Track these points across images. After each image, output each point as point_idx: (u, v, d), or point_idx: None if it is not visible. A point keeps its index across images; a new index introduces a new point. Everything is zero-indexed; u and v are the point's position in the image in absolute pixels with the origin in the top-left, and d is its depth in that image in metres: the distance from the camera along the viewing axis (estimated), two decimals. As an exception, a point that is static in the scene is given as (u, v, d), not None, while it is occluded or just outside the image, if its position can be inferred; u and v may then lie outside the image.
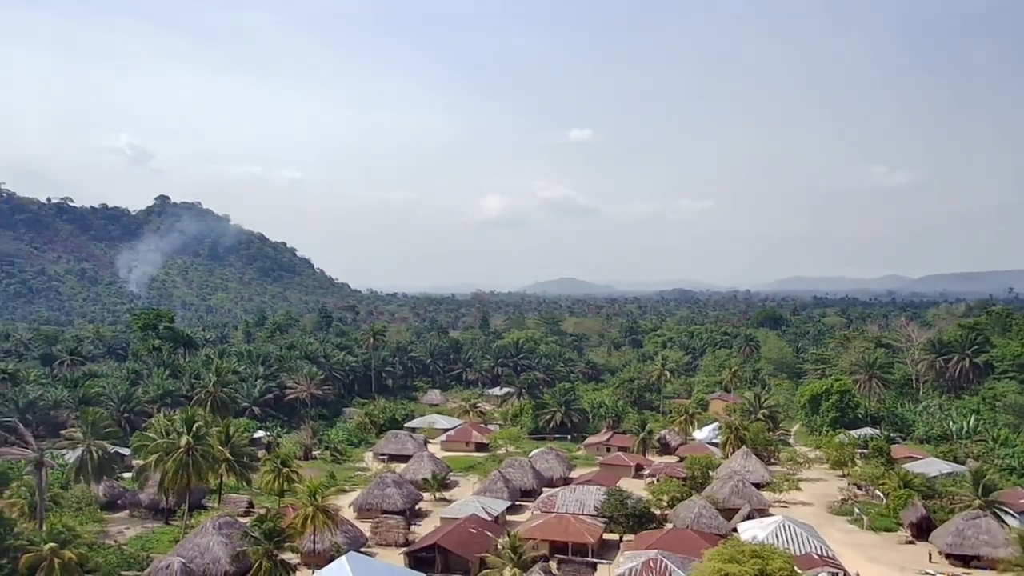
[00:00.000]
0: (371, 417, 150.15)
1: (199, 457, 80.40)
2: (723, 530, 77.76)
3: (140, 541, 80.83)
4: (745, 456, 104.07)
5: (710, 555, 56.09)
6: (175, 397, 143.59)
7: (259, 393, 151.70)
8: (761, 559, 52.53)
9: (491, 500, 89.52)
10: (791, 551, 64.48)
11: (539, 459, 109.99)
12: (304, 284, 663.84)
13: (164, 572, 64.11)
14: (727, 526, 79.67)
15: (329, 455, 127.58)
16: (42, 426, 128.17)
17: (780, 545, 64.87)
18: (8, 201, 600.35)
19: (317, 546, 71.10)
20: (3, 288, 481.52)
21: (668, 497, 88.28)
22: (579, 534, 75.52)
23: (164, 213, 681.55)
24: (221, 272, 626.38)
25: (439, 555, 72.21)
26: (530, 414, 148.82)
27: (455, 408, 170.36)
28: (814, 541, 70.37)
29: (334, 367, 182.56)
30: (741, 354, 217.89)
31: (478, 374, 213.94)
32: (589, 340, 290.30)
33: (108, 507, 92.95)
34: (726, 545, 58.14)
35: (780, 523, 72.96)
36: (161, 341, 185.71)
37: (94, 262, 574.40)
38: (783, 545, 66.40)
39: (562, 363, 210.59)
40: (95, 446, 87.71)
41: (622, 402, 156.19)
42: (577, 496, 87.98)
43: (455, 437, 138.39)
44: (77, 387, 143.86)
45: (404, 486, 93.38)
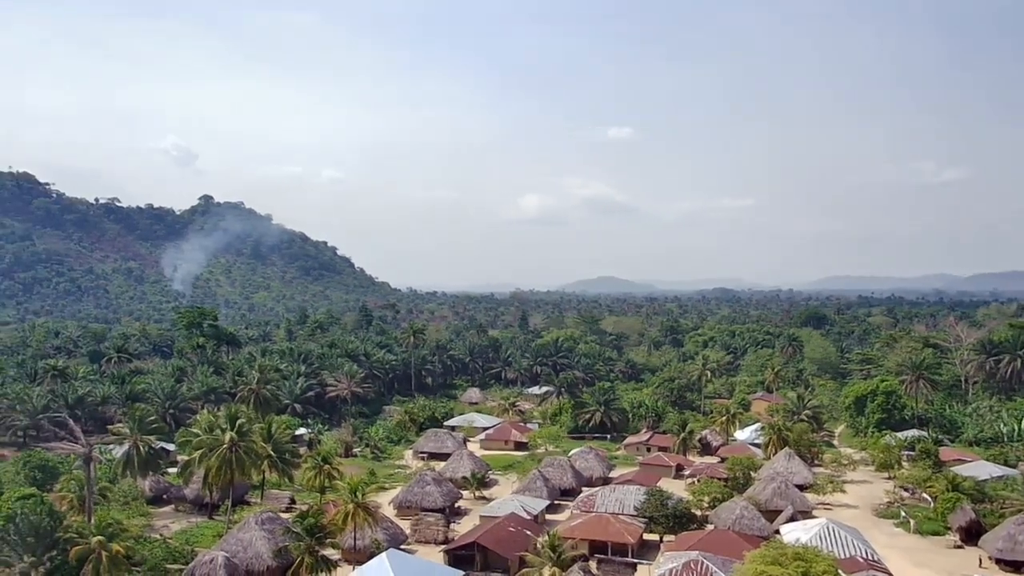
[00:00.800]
0: (411, 415, 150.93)
1: (242, 453, 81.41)
2: (765, 532, 76.74)
3: (185, 535, 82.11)
4: (788, 457, 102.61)
5: (752, 557, 55.35)
6: (219, 394, 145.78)
7: (301, 390, 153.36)
8: (804, 562, 51.68)
9: (530, 499, 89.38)
10: (835, 554, 63.34)
11: (578, 458, 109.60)
12: (345, 283, 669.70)
13: (208, 566, 65.03)
14: (769, 528, 78.59)
15: (369, 452, 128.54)
16: (91, 421, 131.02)
17: (824, 548, 63.79)
18: (58, 202, 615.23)
19: (358, 543, 71.60)
20: (53, 287, 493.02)
21: (709, 498, 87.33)
22: (619, 534, 75.07)
23: (208, 213, 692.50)
24: (263, 271, 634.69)
25: (478, 553, 72.24)
26: (569, 413, 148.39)
27: (494, 407, 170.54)
28: (859, 544, 69.06)
29: (374, 365, 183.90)
30: (784, 354, 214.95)
31: (517, 373, 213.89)
32: (629, 339, 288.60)
33: (154, 501, 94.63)
34: (768, 547, 57.35)
35: (824, 526, 71.73)
36: (205, 339, 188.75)
37: (140, 261, 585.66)
38: (827, 548, 65.27)
39: (601, 362, 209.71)
40: (141, 442, 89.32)
41: (662, 402, 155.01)
42: (617, 496, 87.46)
43: (494, 436, 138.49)
44: (124, 384, 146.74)
45: (444, 484, 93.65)
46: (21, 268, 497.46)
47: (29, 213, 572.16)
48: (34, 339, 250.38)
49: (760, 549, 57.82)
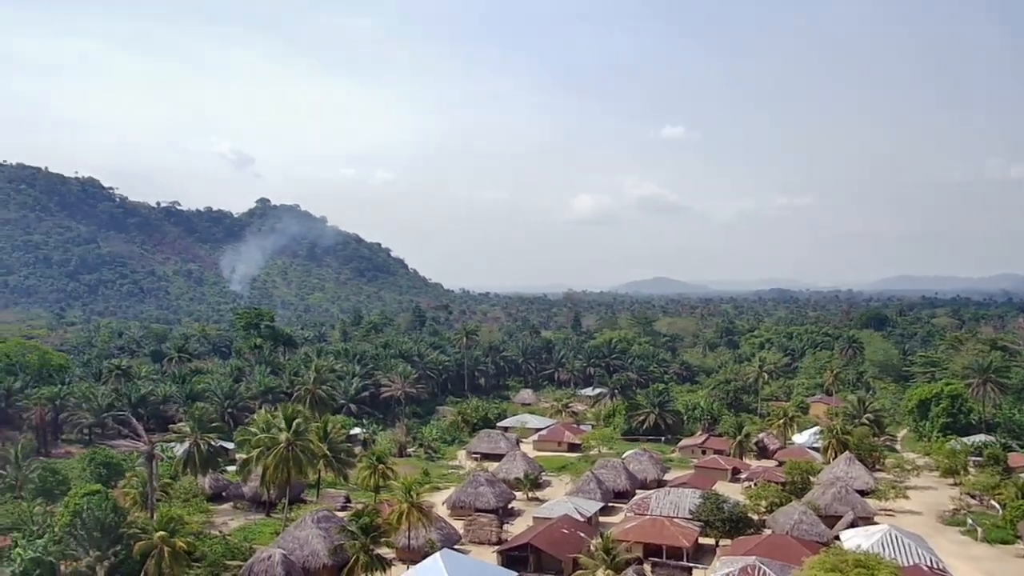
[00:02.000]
0: (464, 416, 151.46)
1: (299, 453, 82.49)
2: (824, 538, 75.12)
3: (243, 532, 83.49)
4: (848, 462, 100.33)
5: (811, 563, 54.22)
6: (276, 393, 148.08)
7: (355, 391, 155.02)
8: (866, 569, 50.43)
9: (584, 501, 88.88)
10: (898, 562, 61.69)
11: (632, 460, 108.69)
12: (398, 284, 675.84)
13: (266, 563, 65.95)
14: (829, 534, 76.91)
15: (423, 453, 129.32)
16: (152, 420, 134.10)
17: (886, 555, 62.17)
18: (121, 205, 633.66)
19: (412, 542, 71.97)
20: (117, 288, 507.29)
21: (766, 502, 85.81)
22: (674, 537, 74.20)
23: (265, 215, 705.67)
24: (319, 272, 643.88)
25: (532, 554, 72.05)
26: (623, 415, 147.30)
27: (547, 408, 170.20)
28: (923, 552, 67.07)
29: (428, 366, 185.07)
30: (843, 356, 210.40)
31: (570, 374, 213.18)
32: (683, 341, 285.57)
33: (213, 499, 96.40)
34: (828, 553, 56.11)
35: (886, 532, 69.82)
36: (262, 339, 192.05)
37: (200, 263, 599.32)
38: (889, 555, 63.59)
39: (656, 364, 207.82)
40: (202, 440, 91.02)
41: (718, 404, 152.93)
42: (672, 499, 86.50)
43: (547, 437, 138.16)
44: (185, 383, 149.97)
45: (497, 485, 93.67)
46: (87, 270, 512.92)
47: (94, 217, 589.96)
48: (99, 339, 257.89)
49: (820, 555, 56.62)
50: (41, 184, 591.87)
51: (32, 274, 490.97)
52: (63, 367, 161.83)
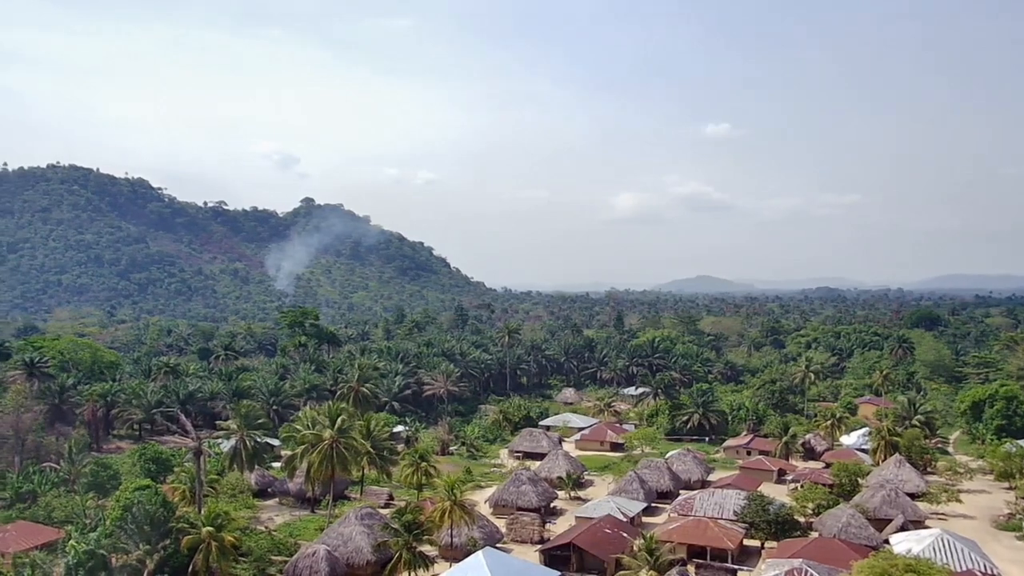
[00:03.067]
0: (506, 414, 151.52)
1: (343, 450, 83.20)
2: (874, 541, 73.64)
3: (288, 528, 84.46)
4: (898, 464, 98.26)
5: (860, 567, 53.24)
6: (320, 391, 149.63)
7: (398, 389, 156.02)
8: (917, 574, 49.39)
9: (626, 501, 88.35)
10: (951, 567, 60.32)
11: (676, 461, 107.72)
12: (440, 283, 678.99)
13: (311, 558, 66.66)
14: (878, 537, 75.39)
15: (465, 451, 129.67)
16: (200, 416, 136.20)
17: (938, 560, 60.81)
18: (170, 206, 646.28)
19: (454, 540, 72.13)
20: (165, 287, 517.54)
21: (813, 504, 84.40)
22: (718, 539, 73.37)
23: (309, 215, 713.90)
24: (362, 271, 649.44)
25: (574, 554, 71.77)
26: (666, 415, 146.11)
27: (589, 407, 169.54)
28: (977, 557, 65.38)
29: (470, 364, 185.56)
30: (893, 356, 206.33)
31: (613, 373, 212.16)
32: (728, 340, 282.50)
33: (259, 494, 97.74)
34: (877, 557, 55.09)
35: (938, 536, 68.19)
36: (307, 338, 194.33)
37: (246, 262, 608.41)
38: (941, 560, 62.18)
39: (699, 363, 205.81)
40: (248, 437, 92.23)
41: (763, 404, 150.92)
42: (716, 500, 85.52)
43: (590, 436, 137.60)
44: (231, 380, 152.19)
45: (539, 484, 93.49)
46: (136, 269, 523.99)
47: (144, 217, 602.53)
48: (148, 337, 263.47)
49: (869, 559, 55.61)
50: (93, 185, 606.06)
51: (84, 273, 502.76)
52: (114, 364, 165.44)
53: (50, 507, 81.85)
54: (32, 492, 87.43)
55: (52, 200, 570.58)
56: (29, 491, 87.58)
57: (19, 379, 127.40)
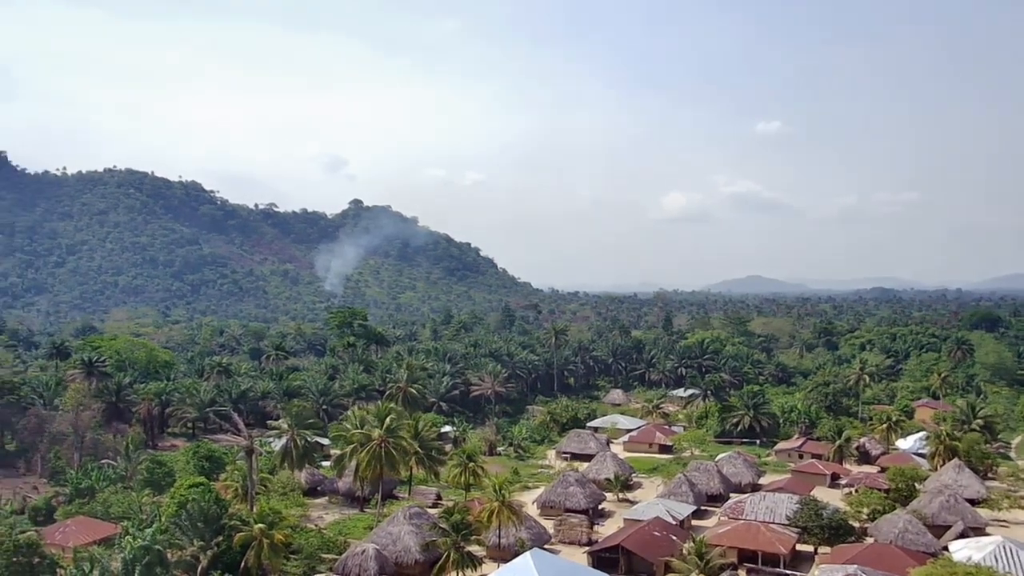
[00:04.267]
0: (553, 415, 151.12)
1: (391, 449, 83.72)
2: (932, 548, 71.67)
3: (338, 526, 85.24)
4: (957, 469, 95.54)
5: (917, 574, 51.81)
6: (368, 391, 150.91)
7: (446, 389, 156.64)
8: (979, 583, 47.87)
9: (675, 503, 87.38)
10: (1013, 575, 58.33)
11: (726, 463, 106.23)
12: (488, 283, 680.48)
13: (360, 557, 67.20)
14: (936, 544, 73.33)
15: (512, 451, 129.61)
16: (251, 415, 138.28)
17: (999, 568, 59.05)
18: (222, 208, 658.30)
19: (502, 541, 72.03)
20: (217, 287, 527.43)
21: (868, 509, 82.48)
22: (770, 543, 72.14)
23: (358, 216, 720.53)
24: (410, 272, 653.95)
25: (623, 556, 71.18)
26: (716, 417, 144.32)
27: (637, 408, 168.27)
28: (1042, 566, 63.23)
29: (517, 365, 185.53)
30: (951, 358, 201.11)
31: (661, 374, 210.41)
32: (779, 341, 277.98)
33: (309, 493, 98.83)
34: (936, 565, 53.72)
35: (1000, 544, 66.07)
36: (355, 338, 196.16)
37: (296, 263, 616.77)
38: (1003, 568, 60.32)
39: (750, 365, 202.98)
40: (298, 435, 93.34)
41: (815, 407, 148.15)
42: (767, 503, 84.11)
43: (638, 438, 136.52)
44: (282, 380, 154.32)
45: (587, 485, 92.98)
46: (190, 270, 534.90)
47: (196, 219, 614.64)
48: (201, 337, 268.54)
49: (926, 566, 54.25)
50: (148, 188, 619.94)
51: (140, 274, 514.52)
52: (168, 364, 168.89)
53: (108, 503, 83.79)
54: (91, 488, 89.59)
55: (109, 203, 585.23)
56: (88, 487, 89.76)
57: (78, 378, 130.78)
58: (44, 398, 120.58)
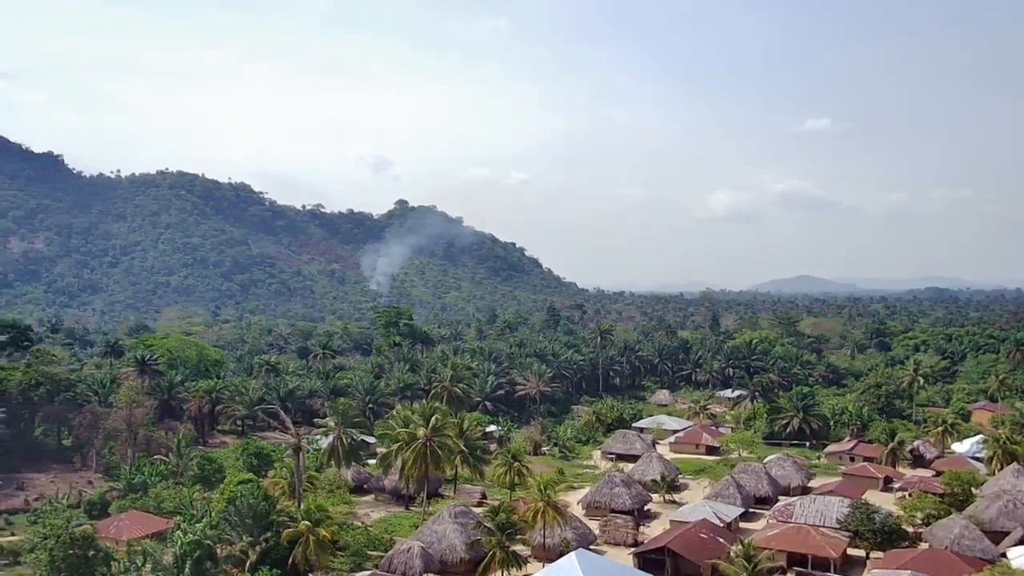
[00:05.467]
0: (599, 415, 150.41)
1: (436, 448, 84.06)
2: (989, 555, 69.62)
3: (384, 524, 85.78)
4: (1016, 474, 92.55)
5: (976, 582, 50.34)
6: (414, 390, 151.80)
7: (491, 388, 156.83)
8: (1041, 591, 46.29)
9: (723, 505, 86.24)
10: (1077, 584, 56.43)
11: (775, 465, 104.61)
12: (532, 283, 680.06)
13: (405, 555, 67.53)
14: (994, 551, 71.23)
15: (557, 451, 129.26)
16: (299, 413, 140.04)
17: (1063, 577, 57.00)
18: (270, 209, 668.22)
19: (547, 541, 71.80)
20: (266, 287, 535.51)
21: (923, 514, 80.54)
22: (820, 547, 70.76)
23: (403, 216, 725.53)
24: (455, 272, 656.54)
25: (669, 558, 70.43)
26: (764, 418, 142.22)
27: (684, 409, 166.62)
28: (1107, 575, 61.01)
29: (562, 365, 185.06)
30: (1011, 360, 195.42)
31: (708, 375, 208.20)
32: (829, 342, 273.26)
33: (356, 490, 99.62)
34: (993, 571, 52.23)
35: (1062, 552, 64.06)
36: (401, 337, 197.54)
37: (342, 263, 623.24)
38: (1067, 577, 58.26)
39: (799, 366, 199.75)
40: (345, 434, 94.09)
41: (867, 409, 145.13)
42: (817, 507, 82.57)
43: (684, 439, 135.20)
44: (328, 379, 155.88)
45: (632, 486, 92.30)
46: (239, 270, 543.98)
47: (245, 220, 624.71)
48: (250, 336, 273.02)
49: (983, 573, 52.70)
50: (199, 190, 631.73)
51: (191, 274, 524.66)
52: (218, 362, 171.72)
53: (160, 498, 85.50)
54: (143, 483, 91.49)
55: (161, 205, 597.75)
56: (140, 482, 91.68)
57: (131, 376, 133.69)
58: (99, 395, 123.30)
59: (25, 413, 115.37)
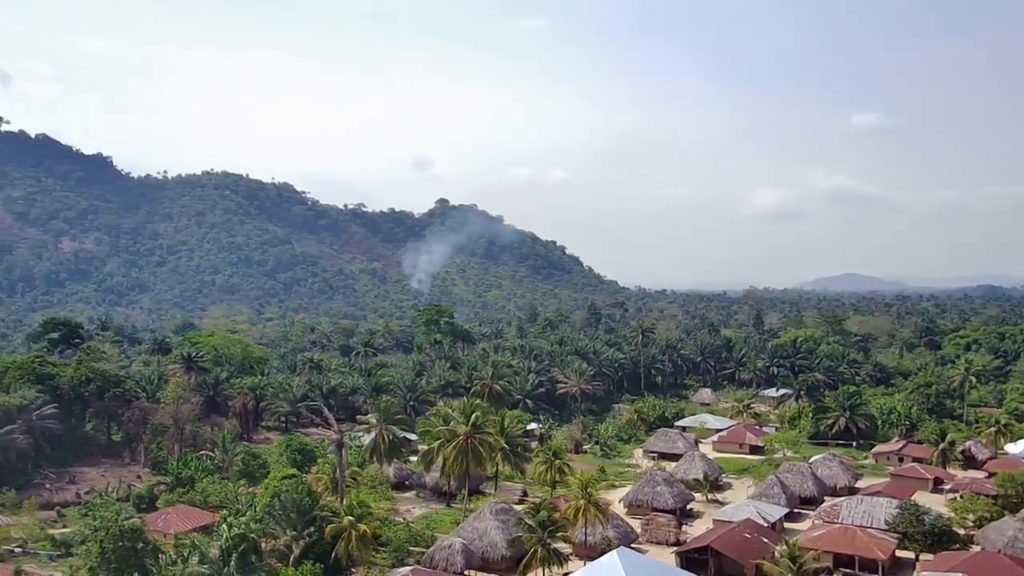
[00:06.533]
0: (640, 414, 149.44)
1: (477, 445, 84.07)
2: (1046, 558, 67.68)
3: (425, 520, 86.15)
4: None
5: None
6: (455, 387, 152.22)
7: (531, 386, 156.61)
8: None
9: (767, 505, 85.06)
10: None
11: (820, 465, 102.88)
12: (573, 281, 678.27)
13: (447, 551, 67.69)
14: (1051, 554, 69.22)
15: (599, 450, 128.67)
16: (341, 410, 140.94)
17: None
18: (312, 208, 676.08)
19: (589, 539, 71.48)
20: (308, 286, 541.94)
21: (974, 516, 78.64)
22: (867, 548, 69.44)
23: (444, 216, 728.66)
24: (495, 270, 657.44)
25: (712, 558, 69.64)
26: (809, 418, 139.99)
27: (727, 408, 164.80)
28: None
29: (603, 363, 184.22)
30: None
31: (752, 374, 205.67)
32: (877, 341, 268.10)
33: (397, 487, 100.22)
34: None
35: (1123, 556, 61.98)
36: (442, 335, 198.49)
37: (383, 262, 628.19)
38: None
39: (845, 365, 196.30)
40: (386, 430, 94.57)
41: (917, 409, 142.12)
42: (865, 507, 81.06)
43: (727, 438, 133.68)
44: (370, 376, 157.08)
45: (675, 485, 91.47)
46: (282, 269, 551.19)
47: (289, 219, 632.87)
48: (293, 334, 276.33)
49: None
50: (243, 190, 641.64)
51: (235, 273, 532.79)
52: (263, 359, 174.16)
53: (206, 492, 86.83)
54: (190, 478, 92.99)
55: (206, 205, 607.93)
56: (187, 477, 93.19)
57: (178, 372, 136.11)
58: (147, 391, 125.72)
59: (76, 409, 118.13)
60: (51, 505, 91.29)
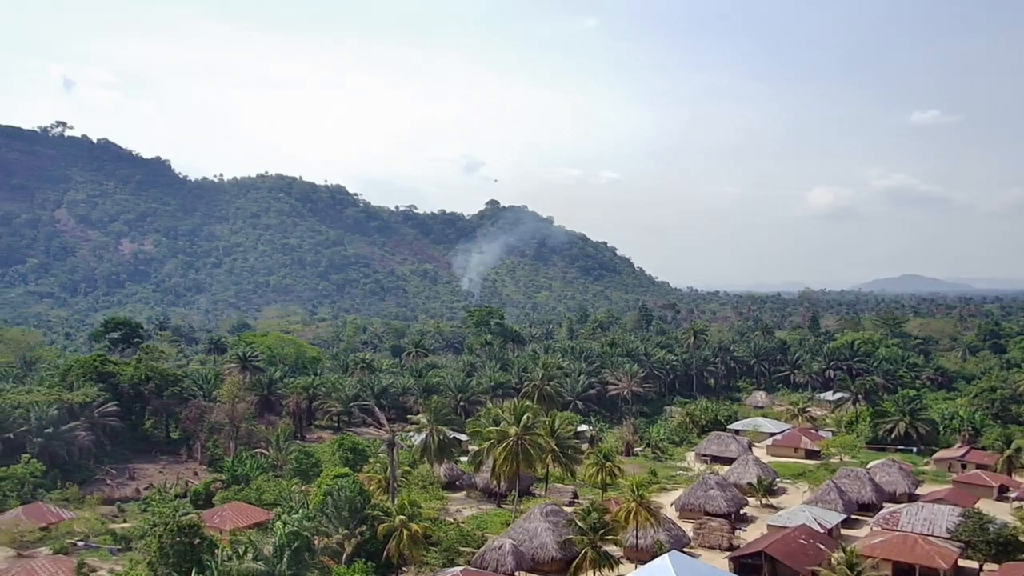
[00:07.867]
0: (692, 417, 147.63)
1: (527, 446, 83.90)
2: (1119, 571, 64.99)
3: (476, 520, 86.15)
4: None
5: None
6: (505, 388, 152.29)
7: (582, 388, 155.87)
8: None
9: (823, 511, 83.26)
10: None
11: (879, 471, 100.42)
12: (624, 283, 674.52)
13: (497, 552, 67.60)
14: (1125, 566, 66.46)
15: (650, 452, 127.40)
16: (393, 410, 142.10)
17: None
18: (364, 210, 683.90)
19: (640, 542, 70.79)
20: (360, 287, 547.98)
21: (1043, 526, 75.81)
22: (928, 557, 67.52)
23: (494, 217, 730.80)
24: (545, 271, 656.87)
25: (766, 564, 68.40)
26: (867, 422, 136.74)
27: (781, 412, 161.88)
28: None
29: (654, 365, 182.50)
30: None
31: (807, 377, 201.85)
32: (938, 344, 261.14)
33: (448, 487, 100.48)
34: None
35: None
36: (492, 336, 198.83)
37: (434, 263, 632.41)
38: None
39: (905, 368, 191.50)
40: (437, 431, 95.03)
41: (980, 414, 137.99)
42: (925, 515, 78.88)
43: (782, 442, 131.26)
44: (421, 376, 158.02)
45: (728, 489, 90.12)
46: (334, 270, 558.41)
47: (341, 221, 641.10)
48: (346, 334, 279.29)
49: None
50: (296, 192, 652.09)
51: (289, 274, 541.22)
52: (315, 359, 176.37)
53: (260, 490, 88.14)
54: (245, 476, 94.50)
55: (261, 207, 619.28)
56: (243, 474, 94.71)
57: (234, 372, 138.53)
58: (204, 390, 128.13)
59: (136, 407, 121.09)
60: (112, 500, 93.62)
